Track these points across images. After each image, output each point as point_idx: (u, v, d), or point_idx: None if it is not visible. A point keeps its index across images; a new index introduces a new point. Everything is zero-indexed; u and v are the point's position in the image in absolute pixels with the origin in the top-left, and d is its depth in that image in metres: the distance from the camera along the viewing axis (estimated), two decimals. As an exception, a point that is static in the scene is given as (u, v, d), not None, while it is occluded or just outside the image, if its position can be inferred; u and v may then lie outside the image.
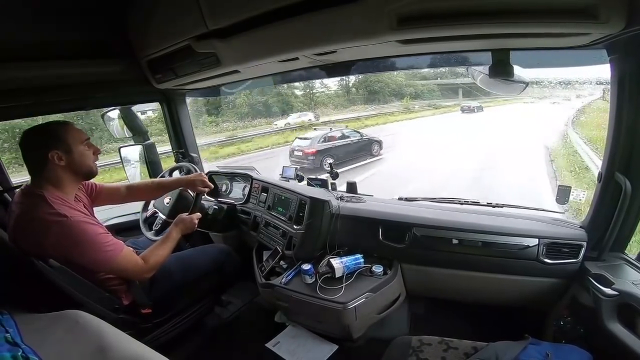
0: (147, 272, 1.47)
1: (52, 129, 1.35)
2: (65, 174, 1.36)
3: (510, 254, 1.46)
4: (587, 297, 1.28)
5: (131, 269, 1.42)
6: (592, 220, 1.37)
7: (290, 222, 1.81)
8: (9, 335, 0.96)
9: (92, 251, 1.31)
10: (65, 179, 1.37)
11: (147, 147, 2.31)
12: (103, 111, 2.33)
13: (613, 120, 1.18)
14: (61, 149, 1.34)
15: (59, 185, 1.35)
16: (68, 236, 1.27)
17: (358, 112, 17.26)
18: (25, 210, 1.29)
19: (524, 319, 1.50)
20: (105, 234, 1.37)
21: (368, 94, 18.52)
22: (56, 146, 1.33)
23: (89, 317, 1.10)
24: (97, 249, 1.32)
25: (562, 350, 1.14)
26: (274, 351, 1.76)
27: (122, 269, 1.40)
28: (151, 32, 1.56)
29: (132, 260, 1.43)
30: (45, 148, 1.32)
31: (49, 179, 1.33)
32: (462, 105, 15.51)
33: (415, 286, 1.72)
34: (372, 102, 18.28)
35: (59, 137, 1.34)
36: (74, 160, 1.37)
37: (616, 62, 1.11)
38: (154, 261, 1.48)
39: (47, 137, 1.33)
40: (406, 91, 18.90)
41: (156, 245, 1.54)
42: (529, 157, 7.38)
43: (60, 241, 1.27)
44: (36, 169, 1.34)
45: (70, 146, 1.36)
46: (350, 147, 8.43)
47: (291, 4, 1.04)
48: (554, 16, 0.86)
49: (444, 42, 1.07)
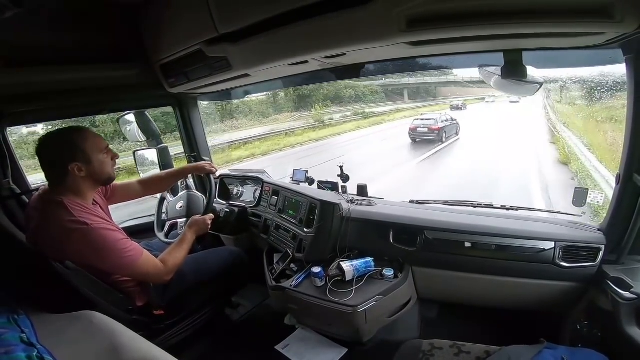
0: (167, 274, 1.49)
1: (70, 140, 1.33)
2: (85, 183, 1.37)
3: (525, 257, 1.43)
4: (605, 300, 1.24)
5: (152, 272, 1.44)
6: (610, 222, 1.34)
7: (301, 225, 1.81)
8: (25, 336, 0.99)
9: (114, 257, 1.33)
10: (85, 188, 1.38)
11: (161, 150, 2.34)
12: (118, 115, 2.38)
13: (630, 121, 1.15)
14: (81, 161, 1.33)
15: (78, 193, 1.36)
16: (89, 243, 1.29)
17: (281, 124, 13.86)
18: (45, 217, 1.31)
19: (539, 323, 1.47)
20: (125, 240, 1.38)
21: (298, 99, 15.49)
22: (75, 158, 1.32)
23: (103, 318, 1.12)
24: (119, 255, 1.34)
25: (579, 354, 1.11)
26: (284, 354, 1.76)
27: (144, 272, 1.42)
28: (164, 37, 1.60)
29: (152, 263, 1.44)
30: (65, 161, 1.31)
31: (68, 187, 1.34)
32: (452, 103, 18.19)
33: (427, 289, 1.70)
34: (302, 109, 15.55)
35: (78, 147, 1.33)
36: (94, 170, 1.37)
37: (632, 62, 1.08)
38: (172, 264, 1.50)
39: (66, 149, 1.32)
40: (345, 94, 16.87)
41: (173, 248, 1.56)
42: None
43: (82, 249, 1.29)
44: (56, 179, 1.35)
45: (89, 156, 1.35)
46: (451, 127, 11.98)
47: (300, 7, 1.05)
48: (567, 16, 0.84)
49: (454, 43, 1.06)
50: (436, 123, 11.44)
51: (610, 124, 5.80)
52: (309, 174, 2.16)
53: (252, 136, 12.75)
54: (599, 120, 6.64)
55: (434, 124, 11.38)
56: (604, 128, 6.10)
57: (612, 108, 5.85)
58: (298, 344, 1.81)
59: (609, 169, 4.69)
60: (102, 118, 8.06)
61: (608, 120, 6.14)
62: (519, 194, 5.67)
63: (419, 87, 22.07)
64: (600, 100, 6.49)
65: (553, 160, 7.73)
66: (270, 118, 15.29)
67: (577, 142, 7.20)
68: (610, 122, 5.84)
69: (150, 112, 2.28)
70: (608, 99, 6.01)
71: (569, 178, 6.22)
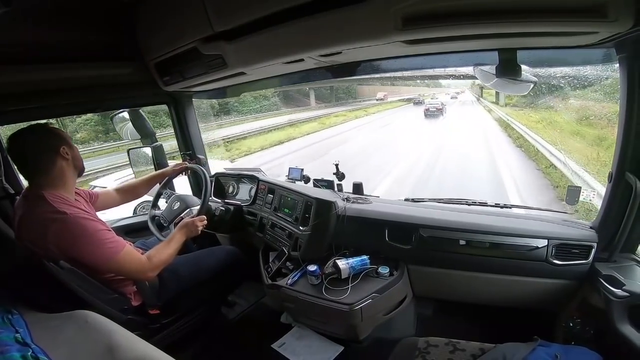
0: (151, 270, 1.46)
1: (50, 128, 1.42)
2: (69, 170, 1.41)
3: (518, 255, 1.44)
4: (598, 298, 1.26)
5: (134, 268, 1.41)
6: (602, 220, 1.35)
7: (297, 224, 1.81)
8: (19, 335, 0.98)
9: (92, 247, 1.31)
10: (68, 177, 1.41)
11: (156, 149, 2.33)
12: (112, 113, 2.36)
13: (623, 119, 1.16)
14: (67, 145, 1.40)
15: (62, 184, 1.37)
16: (67, 232, 1.28)
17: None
18: (27, 212, 1.31)
19: (533, 321, 1.49)
20: (107, 231, 1.37)
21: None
22: (62, 142, 1.39)
23: (98, 318, 1.12)
24: (97, 245, 1.32)
25: (572, 352, 1.12)
26: (280, 352, 1.76)
27: (123, 267, 1.39)
28: (158, 35, 1.58)
29: (136, 258, 1.42)
30: (55, 145, 1.36)
31: (54, 177, 1.35)
32: (414, 99, 24.75)
33: (422, 287, 1.71)
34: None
35: (60, 135, 1.41)
36: (75, 155, 1.43)
37: (625, 61, 1.10)
38: (157, 259, 1.48)
39: (53, 135, 1.39)
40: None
41: (161, 245, 1.55)
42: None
43: (60, 238, 1.28)
44: (42, 169, 1.35)
45: (69, 142, 1.42)
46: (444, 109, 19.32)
47: (296, 5, 1.05)
48: (562, 15, 0.85)
49: (450, 42, 1.06)
50: (440, 106, 19.17)
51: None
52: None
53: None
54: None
55: (439, 106, 18.92)
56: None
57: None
58: (294, 343, 1.81)
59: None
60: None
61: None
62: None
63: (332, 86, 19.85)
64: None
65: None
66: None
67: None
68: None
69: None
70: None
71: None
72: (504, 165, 7.78)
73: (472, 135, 12.73)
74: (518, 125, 10.51)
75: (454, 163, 9.01)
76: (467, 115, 20.26)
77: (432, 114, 18.38)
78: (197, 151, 2.39)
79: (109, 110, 2.32)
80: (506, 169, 7.50)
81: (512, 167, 7.67)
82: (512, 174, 7.00)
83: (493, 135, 12.00)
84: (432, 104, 18.98)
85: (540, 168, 6.96)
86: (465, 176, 7.53)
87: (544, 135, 7.94)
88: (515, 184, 6.30)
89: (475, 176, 7.39)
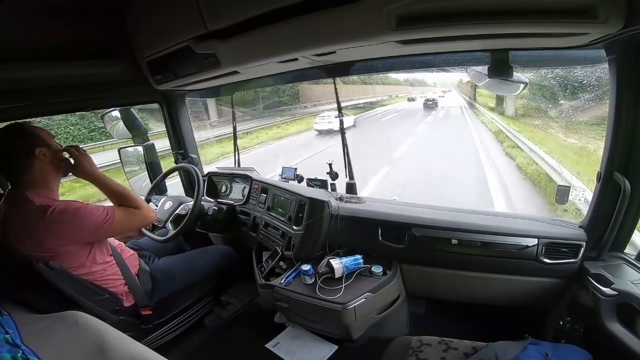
0: (146, 209, 1.54)
1: (26, 128, 1.36)
2: (49, 170, 1.37)
3: (509, 254, 1.46)
4: (587, 297, 1.27)
5: (137, 216, 1.50)
6: (591, 220, 1.37)
7: (290, 223, 1.81)
8: (9, 337, 0.97)
9: (91, 217, 1.34)
10: (50, 177, 1.38)
11: (147, 148, 2.30)
12: (103, 112, 2.33)
13: (612, 120, 1.17)
14: (44, 146, 1.35)
15: (44, 184, 1.35)
16: (60, 217, 1.28)
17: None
18: (10, 212, 1.30)
19: (524, 319, 1.50)
20: (95, 204, 1.40)
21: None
22: (38, 143, 1.34)
23: (88, 318, 1.11)
24: (94, 214, 1.35)
25: (562, 350, 1.14)
26: (274, 352, 1.76)
27: (129, 220, 1.47)
28: (151, 33, 1.56)
29: (129, 210, 1.48)
30: (31, 146, 1.32)
31: (34, 178, 1.33)
32: (408, 97, 27.39)
33: (415, 286, 1.72)
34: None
35: (37, 135, 1.36)
36: (55, 154, 1.39)
37: (615, 62, 1.11)
38: (133, 202, 1.52)
39: (27, 137, 1.33)
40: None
41: (119, 193, 1.52)
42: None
43: (55, 228, 1.27)
44: (20, 170, 1.32)
45: (47, 142, 1.38)
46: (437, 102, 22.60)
47: (290, 4, 1.05)
48: (553, 16, 0.86)
49: (443, 42, 1.07)
50: (436, 98, 23.04)
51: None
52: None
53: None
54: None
55: (435, 100, 22.52)
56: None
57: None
58: (288, 342, 1.81)
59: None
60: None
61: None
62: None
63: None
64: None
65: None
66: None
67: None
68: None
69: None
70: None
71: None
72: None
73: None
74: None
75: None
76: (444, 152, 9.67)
77: (430, 106, 22.05)
78: (190, 150, 2.37)
79: (99, 109, 2.29)
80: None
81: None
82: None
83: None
84: (427, 99, 23.21)
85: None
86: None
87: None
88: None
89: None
